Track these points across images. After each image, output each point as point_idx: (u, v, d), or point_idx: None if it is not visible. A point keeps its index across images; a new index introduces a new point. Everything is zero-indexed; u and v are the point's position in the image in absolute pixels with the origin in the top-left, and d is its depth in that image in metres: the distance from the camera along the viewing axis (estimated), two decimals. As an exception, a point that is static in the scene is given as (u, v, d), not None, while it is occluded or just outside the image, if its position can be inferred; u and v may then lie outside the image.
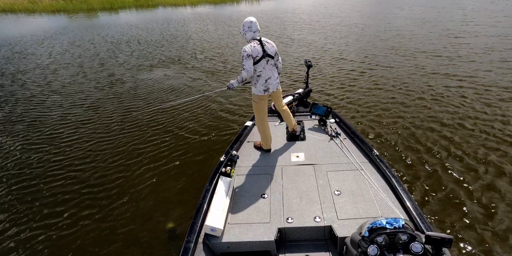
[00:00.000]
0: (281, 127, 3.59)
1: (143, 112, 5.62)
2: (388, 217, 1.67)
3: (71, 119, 5.57)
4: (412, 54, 8.27)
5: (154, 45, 11.62)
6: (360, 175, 2.63)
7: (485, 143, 3.99)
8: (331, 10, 19.15)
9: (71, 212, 3.34)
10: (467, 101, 5.23)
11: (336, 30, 12.32)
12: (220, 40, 11.81)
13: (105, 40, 13.01)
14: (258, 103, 2.89)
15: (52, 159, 4.34)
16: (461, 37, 9.68)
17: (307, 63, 3.84)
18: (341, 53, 8.91)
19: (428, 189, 3.26)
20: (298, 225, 2.19)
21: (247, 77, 2.65)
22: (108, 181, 3.80)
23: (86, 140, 4.82)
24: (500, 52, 7.79)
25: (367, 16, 15.53)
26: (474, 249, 2.57)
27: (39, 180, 3.93)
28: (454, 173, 3.48)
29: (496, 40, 8.90)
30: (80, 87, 7.34)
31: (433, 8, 16.59)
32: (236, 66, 8.29)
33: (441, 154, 3.83)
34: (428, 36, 10.13)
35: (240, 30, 2.70)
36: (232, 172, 2.67)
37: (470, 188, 3.24)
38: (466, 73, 6.55)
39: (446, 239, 1.44)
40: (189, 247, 2.00)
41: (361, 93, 5.88)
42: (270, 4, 25.40)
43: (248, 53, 2.56)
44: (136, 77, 7.86)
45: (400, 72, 6.93)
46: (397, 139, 4.22)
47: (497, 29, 10.26)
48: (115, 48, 11.41)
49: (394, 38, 10.27)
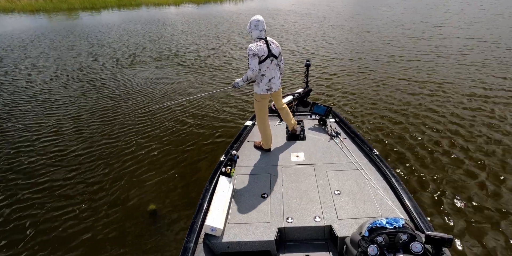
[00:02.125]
0: (281, 127, 3.59)
1: (143, 112, 5.63)
2: (388, 217, 1.67)
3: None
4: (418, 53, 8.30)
5: (143, 46, 11.49)
6: (360, 175, 2.63)
7: (485, 143, 3.99)
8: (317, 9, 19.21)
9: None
10: (469, 101, 5.23)
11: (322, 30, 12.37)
12: (207, 40, 11.80)
13: (87, 41, 12.85)
14: (260, 103, 2.90)
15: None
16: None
17: (306, 62, 3.84)
18: (334, 53, 8.93)
19: (428, 189, 3.26)
20: (298, 225, 2.19)
21: (253, 76, 2.65)
22: (95, 168, 3.85)
23: (90, 143, 4.83)
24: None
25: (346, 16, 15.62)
26: (474, 249, 2.57)
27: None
28: (454, 172, 3.49)
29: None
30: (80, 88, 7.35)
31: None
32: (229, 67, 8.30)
33: (441, 154, 3.83)
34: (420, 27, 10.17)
35: (246, 28, 2.69)
36: (232, 172, 2.67)
37: (470, 187, 3.25)
38: (472, 75, 6.56)
39: (446, 239, 1.44)
40: (189, 247, 2.00)
41: (359, 93, 5.89)
42: (255, 4, 25.36)
43: (254, 52, 2.55)
44: (139, 75, 7.89)
45: (400, 71, 6.93)
46: (397, 138, 4.22)
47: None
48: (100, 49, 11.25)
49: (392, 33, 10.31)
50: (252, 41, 2.66)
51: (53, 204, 3.47)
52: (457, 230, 2.76)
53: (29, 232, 3.11)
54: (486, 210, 2.95)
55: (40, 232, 3.10)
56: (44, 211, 3.38)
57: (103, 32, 14.69)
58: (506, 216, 2.87)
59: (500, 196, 3.11)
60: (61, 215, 3.31)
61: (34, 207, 3.45)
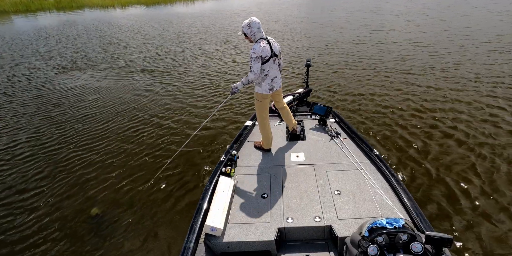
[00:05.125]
0: (281, 127, 3.59)
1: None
2: (388, 217, 1.67)
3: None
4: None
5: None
6: (360, 175, 2.63)
7: (486, 145, 3.99)
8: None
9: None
10: (471, 100, 5.23)
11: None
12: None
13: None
14: (261, 102, 2.90)
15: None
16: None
17: (306, 62, 3.84)
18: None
19: (428, 189, 3.26)
20: (298, 225, 2.19)
21: (254, 80, 2.64)
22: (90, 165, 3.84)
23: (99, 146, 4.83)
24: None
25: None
26: (474, 249, 2.57)
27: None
28: (454, 172, 3.48)
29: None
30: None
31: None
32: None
33: (441, 154, 3.83)
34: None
35: (246, 31, 2.60)
36: (232, 172, 2.68)
37: (471, 188, 3.24)
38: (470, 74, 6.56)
39: (446, 239, 1.44)
40: (189, 247, 2.01)
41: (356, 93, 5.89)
42: (207, 5, 25.22)
43: (257, 55, 2.52)
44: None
45: (399, 72, 6.94)
46: (397, 138, 4.23)
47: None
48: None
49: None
50: (248, 42, 2.64)
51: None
52: (457, 230, 2.75)
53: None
54: (486, 210, 2.95)
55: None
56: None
57: (41, 37, 14.05)
58: (506, 216, 2.87)
59: (501, 196, 3.11)
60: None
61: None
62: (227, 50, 10.18)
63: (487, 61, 7.12)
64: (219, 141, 4.48)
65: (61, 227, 3.15)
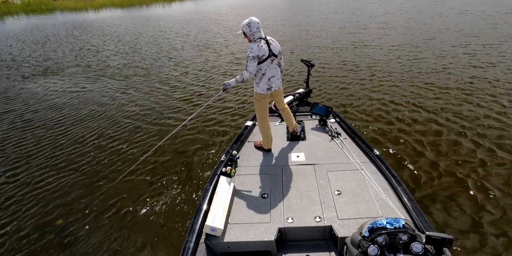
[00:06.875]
0: (282, 127, 3.59)
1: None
2: (389, 217, 1.67)
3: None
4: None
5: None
6: (361, 175, 2.63)
7: (488, 145, 3.99)
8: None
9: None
10: (472, 99, 5.23)
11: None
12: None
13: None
14: (261, 102, 2.90)
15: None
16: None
17: (309, 63, 3.83)
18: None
19: (428, 189, 3.26)
20: (298, 225, 2.19)
21: (248, 79, 2.65)
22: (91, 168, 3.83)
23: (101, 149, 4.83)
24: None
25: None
26: (474, 249, 2.57)
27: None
28: (455, 173, 3.48)
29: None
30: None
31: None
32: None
33: (441, 154, 3.82)
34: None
35: (245, 31, 2.61)
36: (233, 172, 2.68)
37: (471, 188, 3.24)
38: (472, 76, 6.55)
39: (447, 239, 1.44)
40: (190, 247, 2.01)
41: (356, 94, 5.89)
42: (184, 7, 24.74)
43: (254, 55, 2.54)
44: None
45: (399, 70, 6.93)
46: (397, 138, 4.22)
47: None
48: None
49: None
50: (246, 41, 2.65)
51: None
52: (458, 230, 2.75)
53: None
54: (487, 210, 2.94)
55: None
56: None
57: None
58: (507, 216, 2.86)
59: (502, 196, 3.10)
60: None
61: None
62: (204, 53, 9.79)
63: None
64: (206, 142, 4.45)
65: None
